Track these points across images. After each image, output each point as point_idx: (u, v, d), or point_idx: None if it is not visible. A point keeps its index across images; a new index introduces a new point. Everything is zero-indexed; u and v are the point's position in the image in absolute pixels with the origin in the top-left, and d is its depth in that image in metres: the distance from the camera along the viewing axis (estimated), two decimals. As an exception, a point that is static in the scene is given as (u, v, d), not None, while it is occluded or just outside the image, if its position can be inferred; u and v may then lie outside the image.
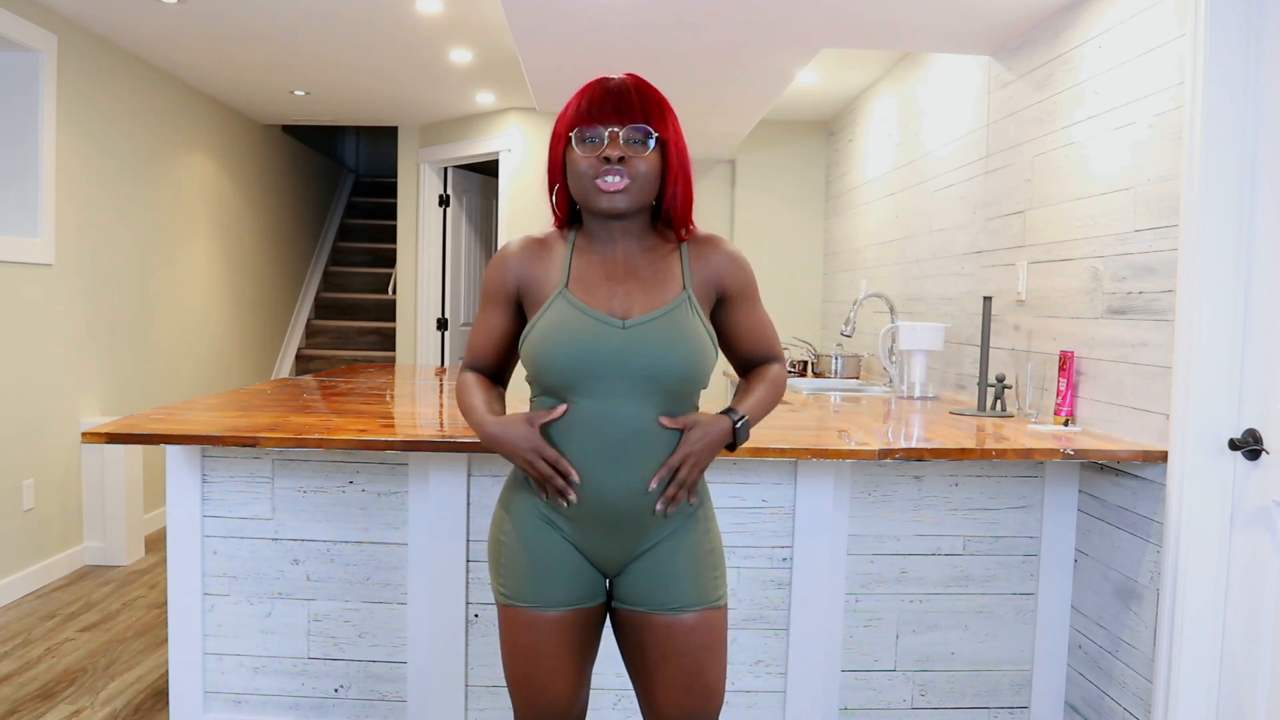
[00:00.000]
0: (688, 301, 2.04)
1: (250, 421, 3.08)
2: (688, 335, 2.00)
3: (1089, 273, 3.40)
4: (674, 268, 2.08)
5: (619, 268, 2.07)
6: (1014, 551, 3.38)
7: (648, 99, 2.01)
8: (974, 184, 4.42)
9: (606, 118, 1.98)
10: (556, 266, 2.08)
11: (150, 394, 6.29)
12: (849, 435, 3.16)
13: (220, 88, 6.98)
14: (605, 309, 2.01)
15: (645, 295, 2.04)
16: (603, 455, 1.99)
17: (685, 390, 2.03)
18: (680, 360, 1.99)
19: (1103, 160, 3.34)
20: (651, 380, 1.97)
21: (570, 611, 2.08)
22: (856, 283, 6.30)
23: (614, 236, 2.08)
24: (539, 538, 2.08)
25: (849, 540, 3.32)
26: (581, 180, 2.00)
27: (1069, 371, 3.43)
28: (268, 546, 3.27)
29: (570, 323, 2.00)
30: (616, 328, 1.99)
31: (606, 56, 4.71)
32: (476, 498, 3.22)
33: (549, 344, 1.99)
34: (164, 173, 6.52)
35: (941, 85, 4.91)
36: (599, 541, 2.07)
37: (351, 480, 3.25)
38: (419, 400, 4.12)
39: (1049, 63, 3.75)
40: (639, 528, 2.05)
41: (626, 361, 1.97)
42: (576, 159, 2.00)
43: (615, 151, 1.97)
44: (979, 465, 3.35)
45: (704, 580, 2.09)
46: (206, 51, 5.93)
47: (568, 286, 2.04)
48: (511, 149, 7.52)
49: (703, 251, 2.11)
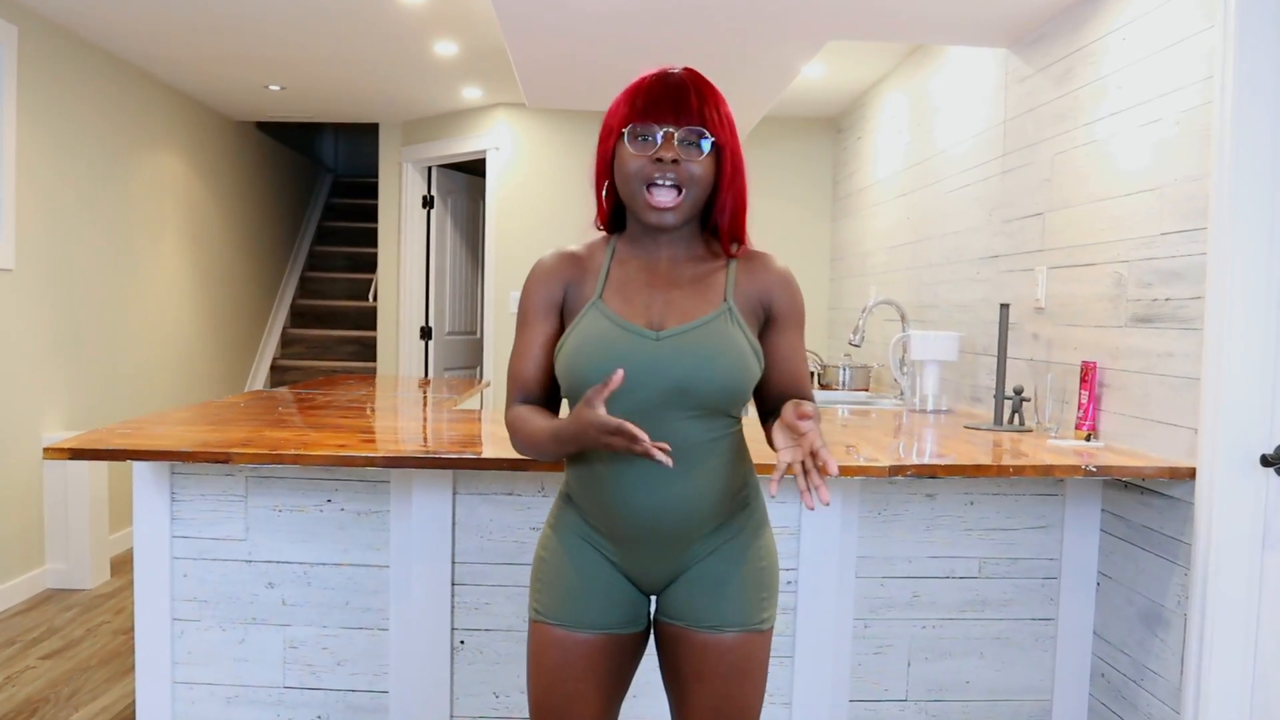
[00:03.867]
0: (728, 313, 2.03)
1: (222, 436, 3.07)
2: (726, 348, 2.00)
3: (1112, 278, 3.41)
4: (718, 279, 2.08)
5: (660, 276, 2.07)
6: (1033, 574, 3.38)
7: (706, 98, 2.01)
8: (990, 184, 4.43)
9: (663, 115, 1.98)
10: (594, 276, 2.09)
11: (116, 407, 6.28)
12: (857, 451, 3.16)
13: (191, 82, 6.99)
14: (641, 319, 2.02)
15: (684, 305, 2.04)
16: (640, 471, 1.99)
17: (724, 406, 2.02)
18: (715, 374, 1.98)
19: (1127, 159, 3.35)
20: (685, 394, 1.97)
21: (603, 636, 2.08)
22: (865, 289, 6.30)
23: (659, 242, 2.08)
24: (579, 557, 2.10)
25: (857, 562, 3.32)
26: (631, 183, 2.01)
27: (1091, 383, 3.44)
28: (241, 569, 3.26)
29: (602, 334, 2.00)
30: (649, 339, 1.99)
31: (600, 49, 4.72)
32: (462, 517, 3.22)
33: (579, 357, 1.99)
34: (131, 173, 6.52)
35: (955, 79, 4.92)
36: (641, 561, 2.07)
37: (330, 499, 3.25)
38: (401, 414, 4.12)
39: (1069, 56, 3.76)
40: (682, 544, 2.05)
41: (658, 375, 1.97)
42: (627, 157, 2.00)
43: (669, 153, 1.97)
44: (995, 483, 3.35)
45: (750, 599, 2.09)
46: (176, 44, 5.94)
47: (602, 296, 2.05)
48: (499, 147, 7.53)
49: (753, 268, 2.11)
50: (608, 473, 2.01)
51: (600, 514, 2.06)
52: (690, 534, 2.04)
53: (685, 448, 1.98)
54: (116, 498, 6.10)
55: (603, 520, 2.06)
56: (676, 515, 2.01)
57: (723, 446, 2.04)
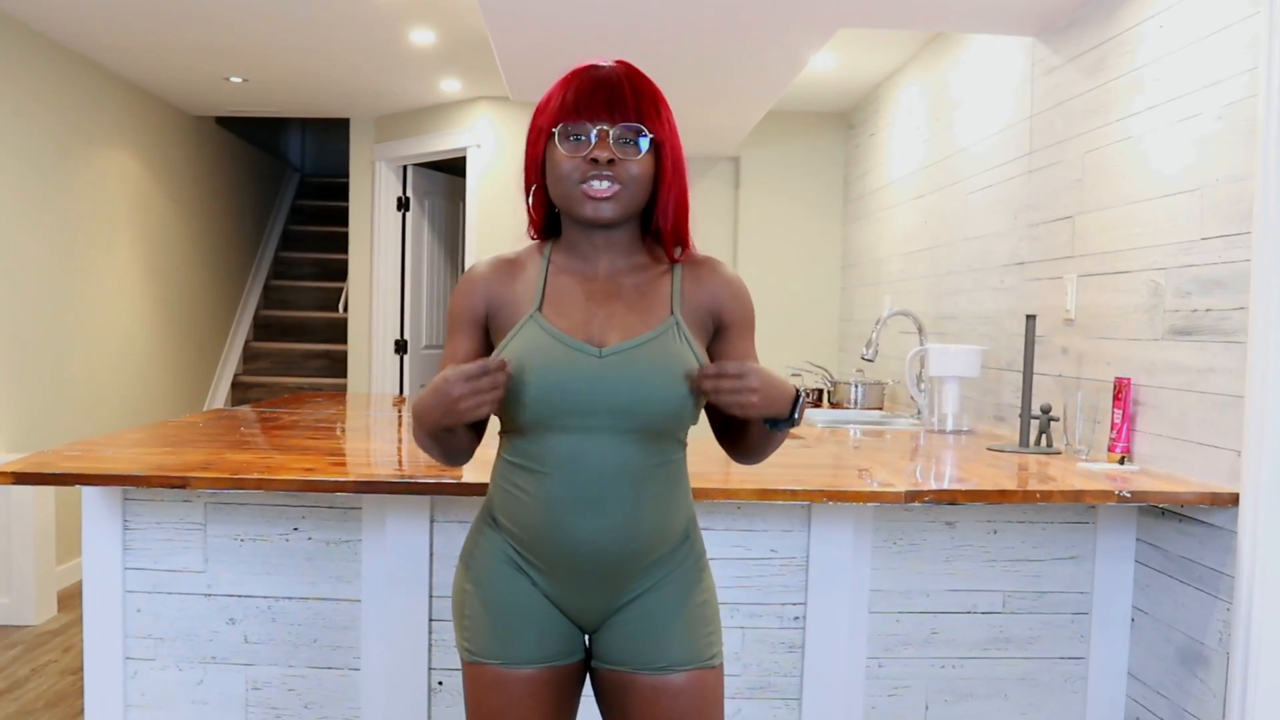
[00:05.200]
0: (675, 328, 2.04)
1: (179, 459, 3.07)
2: (673, 366, 2.01)
3: (1148, 287, 3.42)
4: (663, 290, 2.09)
5: (600, 287, 2.08)
6: (1061, 609, 3.38)
7: (642, 93, 2.02)
8: (1015, 185, 4.45)
9: (596, 113, 1.99)
10: (530, 286, 2.09)
11: (63, 427, 6.27)
12: (871, 475, 3.16)
13: (145, 74, 7.00)
14: (581, 334, 2.02)
15: (627, 319, 2.05)
16: (577, 497, 2.00)
17: (670, 427, 2.04)
18: (663, 394, 1.99)
19: (1164, 157, 3.36)
20: (630, 416, 1.98)
21: (543, 669, 2.09)
22: (879, 299, 6.32)
23: (597, 250, 2.09)
24: (507, 586, 2.09)
25: (871, 596, 3.32)
26: (564, 183, 2.01)
27: (1125, 401, 3.44)
28: (199, 603, 3.26)
29: (540, 350, 2.01)
30: (592, 356, 2.00)
31: (590, 37, 4.73)
32: (441, 546, 3.22)
33: (515, 373, 1.99)
34: (80, 172, 6.53)
35: (977, 71, 4.94)
36: (575, 593, 2.07)
37: (296, 527, 3.25)
38: (374, 435, 4.12)
39: (1102, 45, 3.78)
40: (620, 578, 2.06)
41: (602, 394, 1.98)
42: (559, 159, 2.01)
43: (604, 153, 1.97)
44: (1021, 510, 3.35)
45: (696, 635, 2.10)
46: (129, 31, 5.95)
47: (540, 309, 2.06)
48: (481, 144, 7.54)
49: (698, 274, 2.12)
50: (543, 495, 2.02)
51: (531, 539, 2.05)
52: (630, 565, 2.05)
53: (628, 472, 2.00)
54: (64, 526, 6.09)
55: (533, 546, 2.06)
56: (616, 543, 2.02)
57: (667, 473, 2.06)
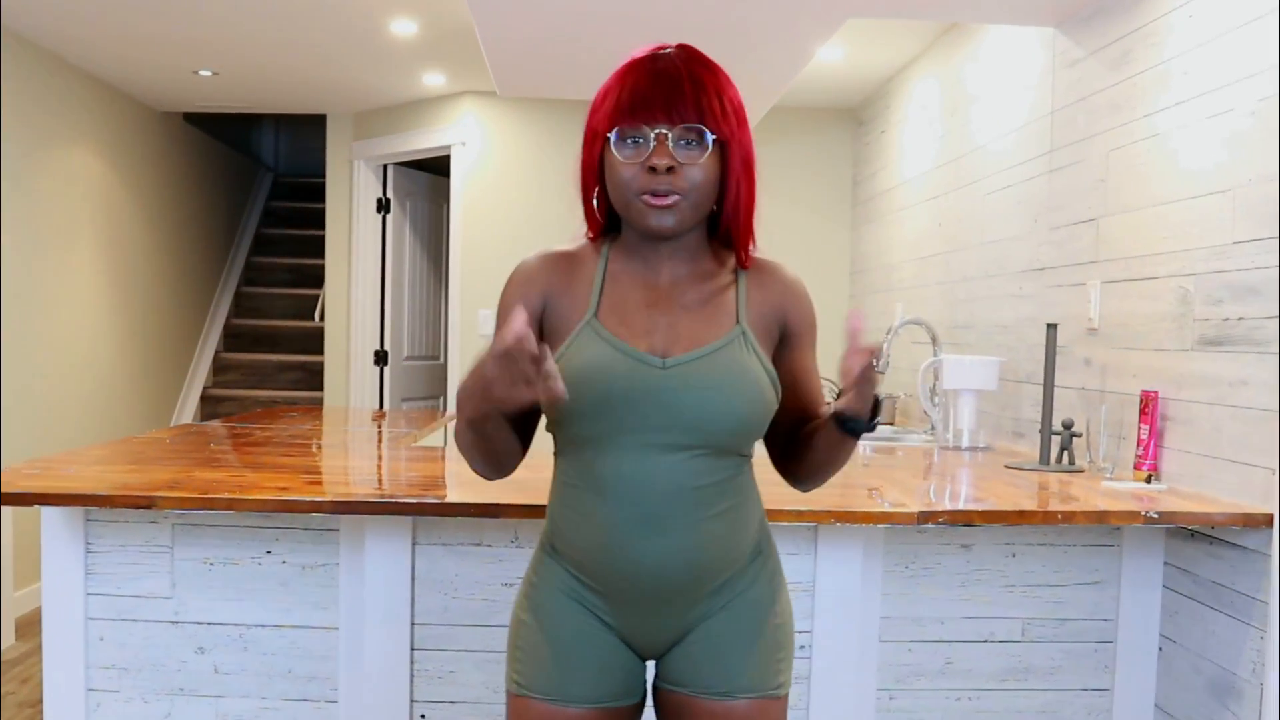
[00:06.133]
0: (742, 337, 2.04)
1: (145, 478, 3.07)
2: (741, 377, 2.01)
3: (1177, 294, 3.42)
4: (728, 297, 2.09)
5: (662, 294, 2.07)
6: (1084, 637, 3.38)
7: (704, 86, 1.99)
8: (1035, 185, 4.46)
9: (653, 115, 1.96)
10: (585, 288, 2.08)
11: (21, 444, 6.26)
12: (881, 494, 3.17)
13: (108, 67, 7.00)
14: (643, 344, 2.02)
15: (691, 329, 2.04)
16: (640, 518, 1.99)
17: (737, 443, 2.04)
18: (731, 408, 1.99)
19: (1194, 156, 3.37)
20: (696, 431, 1.98)
21: (596, 710, 2.08)
22: (891, 307, 6.32)
23: (659, 255, 2.08)
24: (566, 617, 2.09)
25: (881, 624, 3.33)
26: (622, 192, 2.00)
27: (1152, 416, 3.45)
28: (166, 631, 3.25)
29: (599, 360, 2.00)
30: (655, 368, 1.99)
31: (584, 27, 4.73)
32: (423, 571, 3.22)
33: (573, 385, 1.95)
34: (38, 171, 6.53)
35: (995, 64, 4.95)
36: (639, 620, 2.07)
37: (270, 550, 3.25)
38: (353, 451, 4.12)
39: (1127, 36, 3.79)
40: (688, 600, 2.05)
41: (666, 408, 1.97)
42: (617, 166, 1.99)
43: (664, 160, 1.95)
44: (1041, 532, 3.35)
45: (766, 661, 2.10)
46: (91, 22, 5.95)
47: (597, 315, 2.05)
48: (466, 142, 7.55)
49: (763, 280, 2.12)
50: (603, 516, 2.01)
51: (593, 566, 2.05)
52: (698, 588, 2.04)
53: (693, 490, 2.00)
54: (22, 549, 6.08)
55: (595, 574, 2.05)
56: (684, 566, 2.01)
57: (734, 487, 2.05)
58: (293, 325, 10.01)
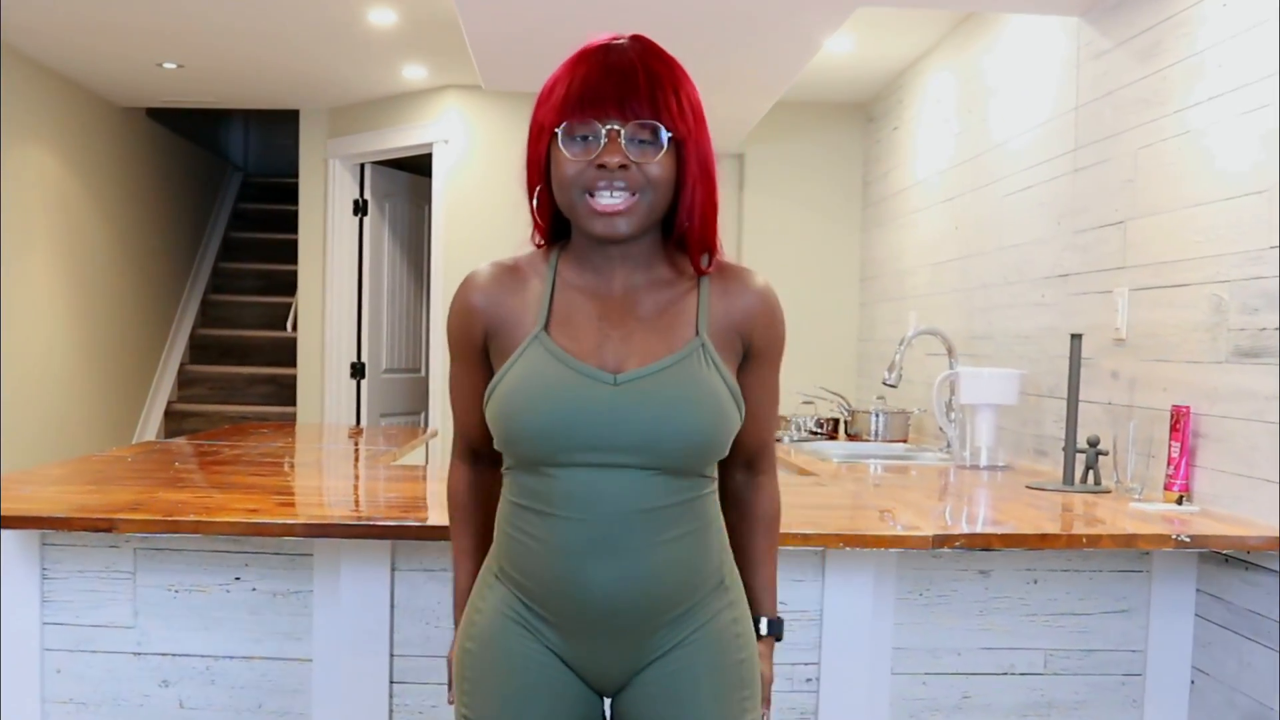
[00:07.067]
0: (701, 350, 2.03)
1: (106, 499, 3.07)
2: (698, 393, 1.99)
3: (1210, 302, 3.43)
4: (687, 307, 2.07)
5: (614, 305, 2.06)
6: (1111, 669, 3.38)
7: (659, 80, 1.97)
8: (1058, 186, 4.47)
9: (604, 110, 1.95)
10: (534, 301, 2.08)
11: (-30, 462, 6.27)
12: (894, 517, 3.17)
13: (65, 59, 7.01)
14: (594, 359, 2.01)
15: (646, 341, 2.03)
16: (590, 541, 1.98)
17: (695, 464, 2.03)
18: (688, 427, 1.97)
19: (1228, 154, 3.38)
20: (651, 451, 1.96)
21: None
22: (904, 316, 6.33)
23: (611, 263, 2.07)
24: (514, 646, 2.07)
25: (893, 655, 3.33)
26: (569, 192, 1.98)
27: (1183, 433, 3.45)
28: (128, 663, 3.25)
29: (547, 376, 1.99)
30: (606, 384, 1.98)
31: (576, 17, 4.74)
32: (403, 598, 3.22)
33: (519, 404, 1.97)
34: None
35: (1015, 56, 4.96)
36: (592, 652, 2.06)
37: (239, 576, 3.24)
38: (328, 470, 4.13)
39: (1157, 25, 3.80)
40: (643, 633, 2.04)
41: (617, 427, 1.96)
42: (564, 162, 1.97)
43: (615, 157, 1.94)
44: (1065, 556, 3.35)
45: (729, 699, 2.09)
46: (46, 10, 5.95)
47: (546, 328, 2.04)
48: (449, 139, 7.56)
49: (728, 287, 2.11)
50: (553, 540, 2.00)
51: (542, 593, 2.04)
52: (653, 618, 2.03)
53: (649, 513, 1.98)
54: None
55: (545, 601, 2.04)
56: (637, 594, 2.00)
57: (694, 511, 2.04)
58: (263, 336, 10.01)
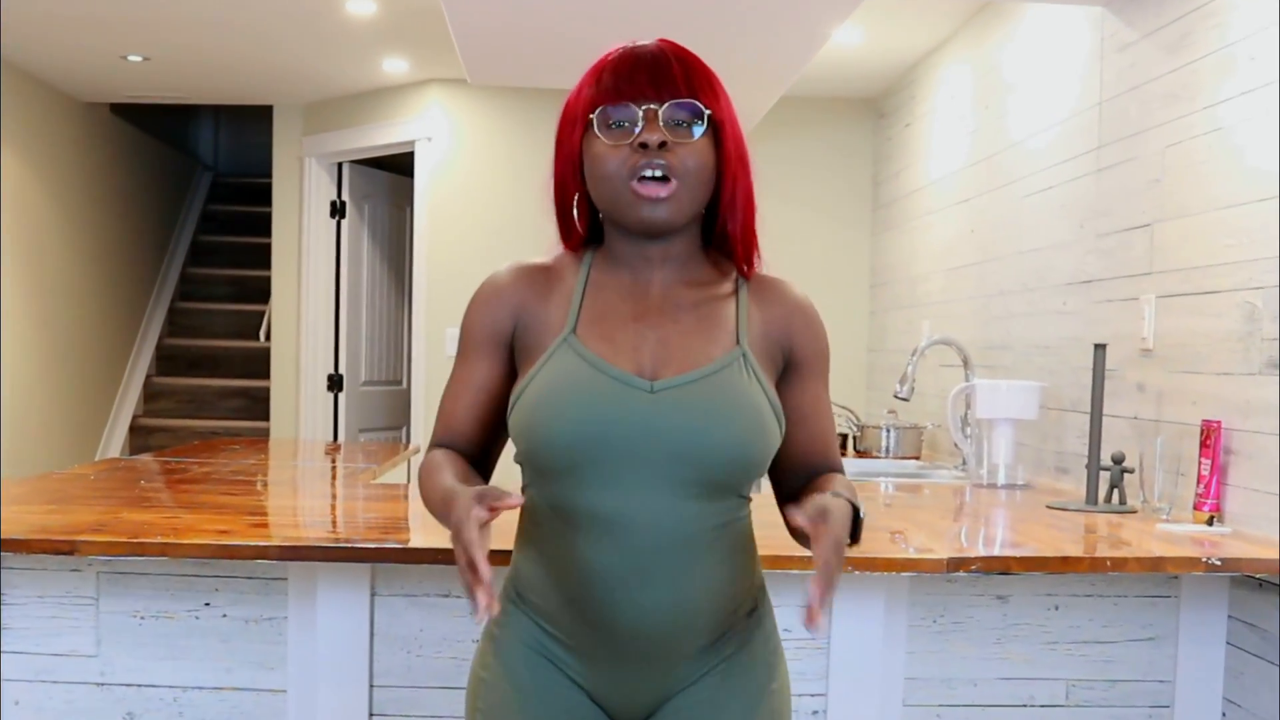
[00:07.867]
0: (742, 359, 2.02)
1: (67, 519, 3.07)
2: (741, 405, 1.98)
3: (1243, 310, 3.43)
4: (727, 313, 2.08)
5: (652, 305, 2.06)
6: (1137, 701, 3.38)
7: (692, 68, 2.03)
8: (1081, 186, 4.47)
9: (640, 92, 1.98)
10: (563, 302, 2.08)
11: (-78, 480, 6.26)
12: (906, 538, 3.17)
13: (24, 51, 7.01)
14: (629, 364, 1.99)
15: (684, 346, 2.02)
16: (622, 567, 1.96)
17: (734, 482, 2.02)
18: (728, 441, 1.96)
19: (1261, 152, 3.38)
20: (688, 466, 1.95)
21: None
22: (916, 325, 6.34)
23: (649, 263, 2.08)
24: (532, 675, 2.06)
25: (906, 686, 3.32)
26: (610, 181, 1.99)
27: (1214, 449, 3.45)
28: (91, 695, 3.24)
29: (577, 382, 1.98)
30: (642, 391, 1.97)
31: (569, 8, 4.74)
32: (383, 625, 3.22)
33: (546, 411, 1.96)
34: (-55, 169, 6.53)
35: (1036, 48, 4.97)
36: (617, 682, 2.05)
37: (208, 602, 3.24)
38: (303, 489, 4.12)
39: (1186, 16, 3.80)
40: (671, 661, 2.03)
41: (654, 439, 1.94)
42: (601, 152, 1.99)
43: (655, 135, 1.95)
44: (1088, 581, 3.36)
45: None
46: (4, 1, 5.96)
47: (576, 331, 2.03)
48: (432, 137, 7.57)
49: (766, 297, 2.12)
50: (580, 564, 1.98)
51: (563, 619, 2.03)
52: (683, 647, 2.02)
53: (683, 535, 1.97)
54: (-79, 601, 6.08)
55: (566, 627, 2.03)
56: (668, 622, 1.99)
57: (730, 535, 2.04)
58: (235, 346, 10.01)
